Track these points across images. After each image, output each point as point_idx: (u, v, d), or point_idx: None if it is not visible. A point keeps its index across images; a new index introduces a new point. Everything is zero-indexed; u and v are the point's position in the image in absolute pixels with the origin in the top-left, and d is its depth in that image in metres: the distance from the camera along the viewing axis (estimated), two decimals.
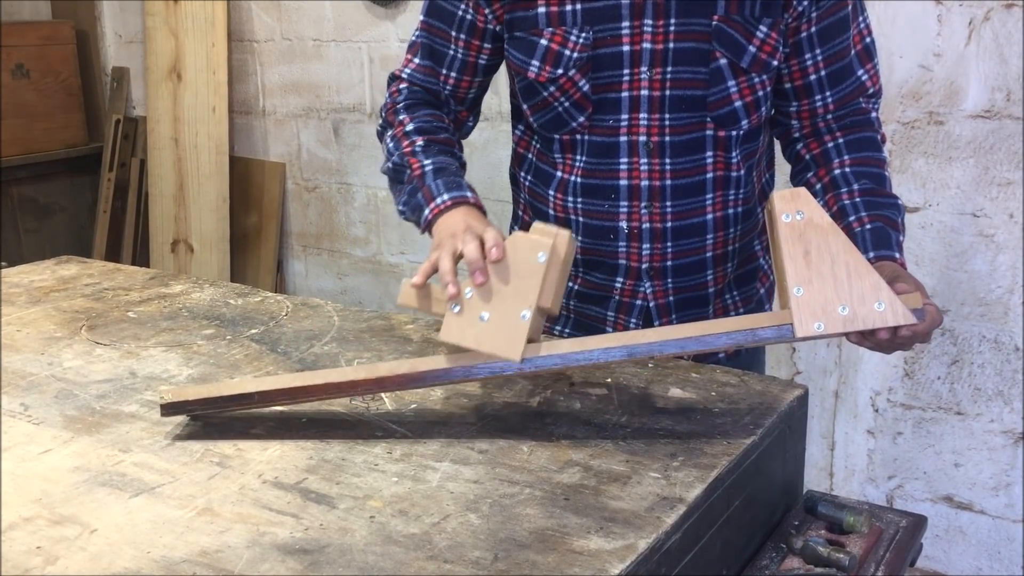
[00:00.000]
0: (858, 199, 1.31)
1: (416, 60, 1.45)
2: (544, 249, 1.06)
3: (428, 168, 1.33)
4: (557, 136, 1.39)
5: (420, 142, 1.38)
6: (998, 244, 2.30)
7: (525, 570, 0.84)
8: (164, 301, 1.61)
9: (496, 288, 1.07)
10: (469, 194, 1.28)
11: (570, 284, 1.47)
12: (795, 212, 1.02)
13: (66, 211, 3.96)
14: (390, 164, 1.40)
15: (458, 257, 1.12)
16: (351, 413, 1.18)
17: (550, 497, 0.96)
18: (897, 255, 1.26)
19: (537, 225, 1.09)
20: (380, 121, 1.48)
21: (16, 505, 0.97)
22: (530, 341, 1.07)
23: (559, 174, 1.41)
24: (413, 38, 1.45)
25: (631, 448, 1.06)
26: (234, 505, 0.96)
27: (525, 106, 1.41)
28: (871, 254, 1.25)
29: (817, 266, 1.01)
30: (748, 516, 1.09)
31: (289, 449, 1.08)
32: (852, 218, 1.29)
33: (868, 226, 1.27)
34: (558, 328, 1.52)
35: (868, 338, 1.09)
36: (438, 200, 1.27)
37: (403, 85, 1.46)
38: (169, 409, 1.13)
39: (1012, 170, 2.25)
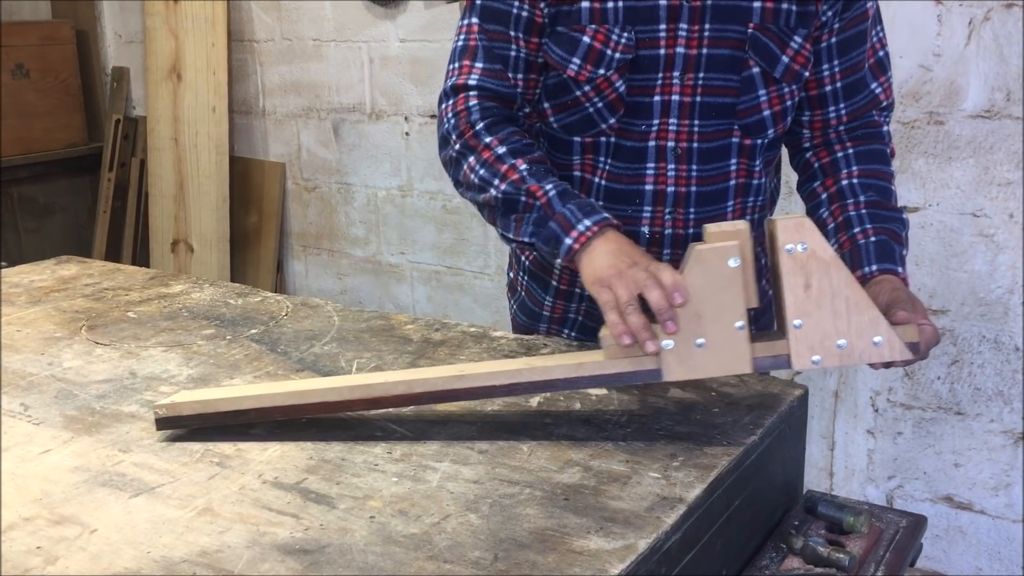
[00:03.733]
0: (864, 211, 1.31)
1: (480, 64, 1.33)
2: (735, 254, 1.01)
3: (552, 194, 1.22)
4: (578, 139, 1.36)
5: (523, 166, 1.26)
6: (998, 244, 2.30)
7: (525, 570, 0.84)
8: (164, 301, 1.61)
9: (700, 311, 1.02)
10: (608, 215, 1.19)
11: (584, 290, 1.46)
12: (798, 243, 1.00)
13: (66, 211, 3.95)
14: (497, 194, 1.26)
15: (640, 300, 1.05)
16: (351, 413, 1.17)
17: (550, 497, 0.96)
18: (900, 269, 1.26)
19: (711, 229, 1.03)
20: (455, 146, 1.32)
21: (16, 505, 0.97)
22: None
23: (577, 175, 1.38)
24: (460, 43, 1.35)
25: (631, 448, 1.06)
26: (234, 505, 0.96)
27: (547, 105, 1.37)
28: (874, 267, 1.25)
29: (817, 299, 1.01)
30: (748, 516, 1.09)
31: (289, 449, 1.08)
32: (857, 229, 1.29)
33: (872, 238, 1.28)
34: (565, 331, 1.51)
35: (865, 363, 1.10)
36: (580, 227, 1.18)
37: (472, 99, 1.32)
38: (164, 424, 1.12)
39: (1012, 170, 2.25)
